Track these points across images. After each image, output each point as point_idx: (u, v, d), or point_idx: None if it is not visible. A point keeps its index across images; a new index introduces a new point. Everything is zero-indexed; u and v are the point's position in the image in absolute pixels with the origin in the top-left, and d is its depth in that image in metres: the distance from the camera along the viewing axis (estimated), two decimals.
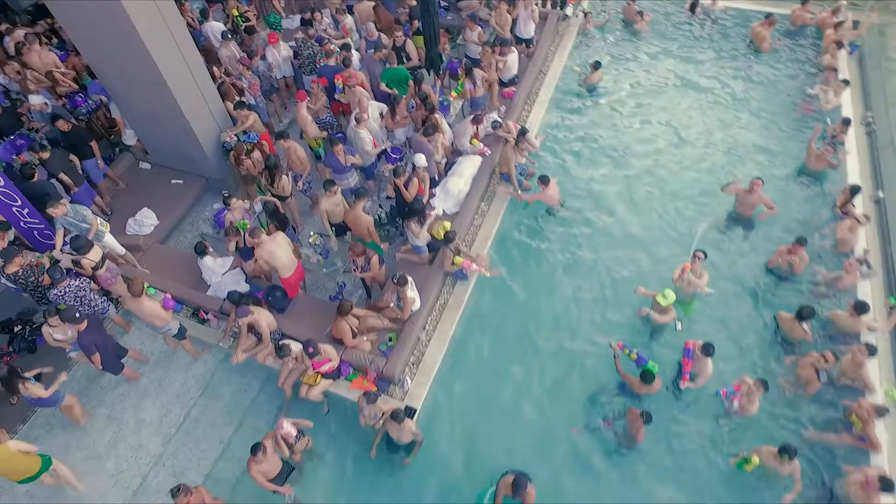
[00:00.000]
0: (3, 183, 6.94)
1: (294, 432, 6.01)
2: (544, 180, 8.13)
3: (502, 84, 10.09)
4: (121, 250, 7.78)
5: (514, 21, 10.45)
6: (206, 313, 7.60)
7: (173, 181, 9.14)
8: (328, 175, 8.22)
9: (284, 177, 7.95)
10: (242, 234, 7.33)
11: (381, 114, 8.73)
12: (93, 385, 7.26)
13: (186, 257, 8.04)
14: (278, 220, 7.53)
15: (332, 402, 6.86)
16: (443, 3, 11.80)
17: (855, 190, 8.01)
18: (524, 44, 10.69)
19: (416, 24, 9.98)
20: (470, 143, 8.83)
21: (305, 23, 10.40)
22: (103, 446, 6.77)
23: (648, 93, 10.48)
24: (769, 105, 10.11)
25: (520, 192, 8.55)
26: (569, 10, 11.73)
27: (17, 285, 6.75)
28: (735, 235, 8.31)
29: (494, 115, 9.41)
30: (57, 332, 6.37)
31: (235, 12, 10.23)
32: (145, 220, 8.57)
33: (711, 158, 9.34)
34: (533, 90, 10.36)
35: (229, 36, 9.75)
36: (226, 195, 7.53)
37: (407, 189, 7.65)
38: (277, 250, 6.94)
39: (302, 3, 12.17)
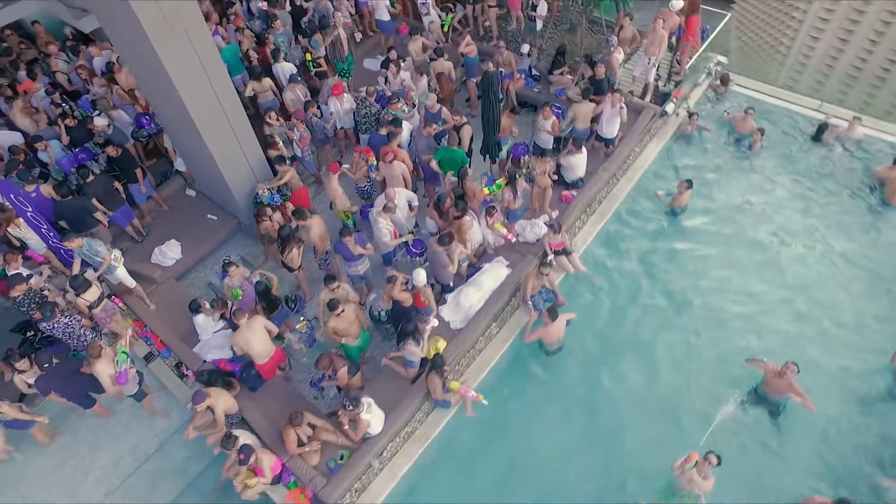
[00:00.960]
0: (31, 209, 7.50)
1: None
2: (552, 314, 7.33)
3: (565, 184, 9.31)
4: (131, 284, 8.16)
5: (598, 116, 9.53)
6: (187, 370, 7.78)
7: (209, 216, 9.45)
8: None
9: (295, 249, 7.87)
10: (230, 305, 7.38)
11: (409, 204, 8.35)
12: (72, 409, 7.69)
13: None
14: (268, 302, 7.46)
15: None
16: (534, 72, 11.10)
17: None
18: (604, 143, 9.74)
19: None
20: (493, 227, 8.24)
21: (385, 64, 10.20)
22: (51, 473, 7.19)
23: (739, 233, 9.06)
24: (881, 278, 8.39)
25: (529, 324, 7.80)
26: (669, 108, 10.50)
27: (17, 308, 7.27)
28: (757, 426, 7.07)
29: (541, 221, 8.69)
30: (28, 377, 6.79)
31: (309, 56, 10.26)
32: (169, 253, 8.93)
33: (784, 329, 7.93)
34: (598, 198, 9.42)
35: (298, 79, 9.83)
36: (226, 261, 7.58)
37: (398, 297, 7.25)
38: (252, 338, 6.87)
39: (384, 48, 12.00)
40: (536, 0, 10.98)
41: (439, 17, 11.52)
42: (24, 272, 7.49)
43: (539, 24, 11.38)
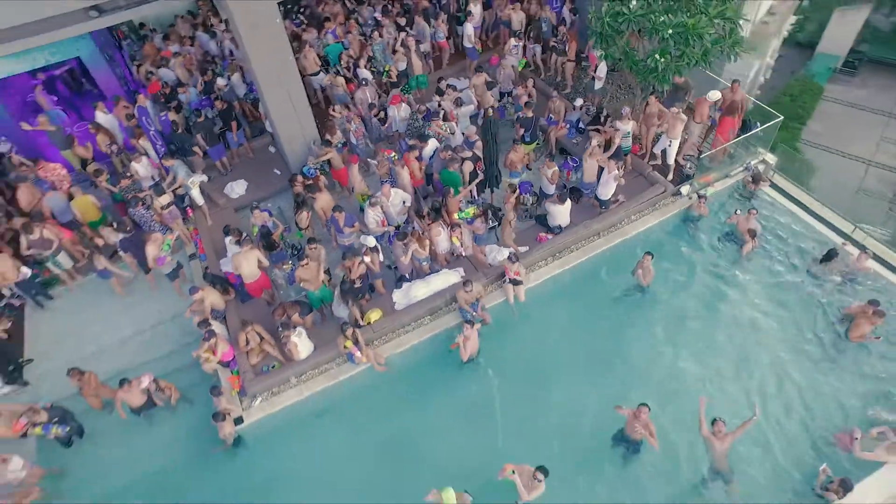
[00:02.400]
0: (153, 129, 11.15)
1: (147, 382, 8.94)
2: (471, 325, 9.15)
3: (547, 227, 10.89)
4: (200, 202, 11.55)
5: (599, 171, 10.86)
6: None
7: (275, 171, 12.61)
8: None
9: (304, 213, 10.60)
10: (244, 236, 10.30)
11: (403, 202, 10.61)
12: (137, 276, 11.22)
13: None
14: (266, 242, 10.27)
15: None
16: (580, 125, 12.51)
17: None
18: (599, 202, 11.06)
19: None
20: (451, 241, 10.21)
21: (438, 92, 12.49)
22: (112, 309, 10.80)
23: (703, 331, 9.86)
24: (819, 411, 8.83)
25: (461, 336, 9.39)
26: (684, 190, 11.39)
27: (122, 193, 10.93)
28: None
29: (507, 252, 10.41)
30: (110, 236, 10.34)
31: (387, 67, 12.90)
32: (237, 188, 12.25)
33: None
34: (570, 248, 10.83)
35: (370, 83, 12.52)
36: (254, 205, 10.55)
37: (351, 271, 9.60)
38: (243, 263, 9.70)
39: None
40: (600, 62, 12.43)
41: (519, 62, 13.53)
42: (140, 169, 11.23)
43: (598, 84, 12.79)
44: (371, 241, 9.66)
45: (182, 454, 9.20)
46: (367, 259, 9.60)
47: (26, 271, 10.51)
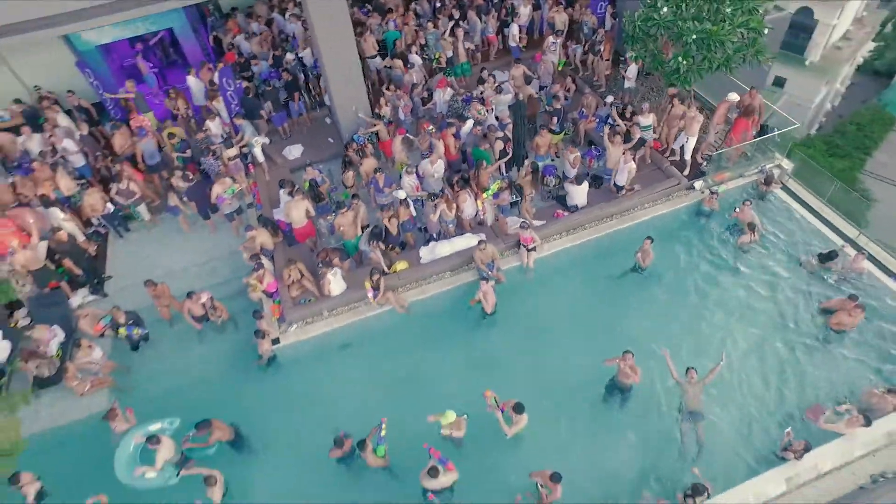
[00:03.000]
0: (231, 90, 12.97)
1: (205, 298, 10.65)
2: (484, 280, 10.49)
3: (565, 205, 12.11)
4: (261, 159, 13.33)
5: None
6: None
7: (329, 139, 14.29)
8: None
9: (350, 173, 12.19)
10: (296, 187, 11.92)
11: (438, 173, 12.06)
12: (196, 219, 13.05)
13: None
14: (313, 195, 11.88)
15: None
16: (609, 121, 13.62)
17: None
18: (615, 187, 12.19)
19: None
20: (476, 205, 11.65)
21: (480, 80, 13.91)
22: (177, 242, 12.66)
23: (694, 309, 10.89)
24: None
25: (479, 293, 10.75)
26: (697, 184, 12.38)
27: (198, 145, 12.81)
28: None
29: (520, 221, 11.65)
30: (178, 181, 12.16)
31: (437, 54, 14.43)
32: (294, 151, 13.99)
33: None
34: (584, 225, 12.01)
35: (418, 68, 14.07)
36: (308, 163, 12.20)
37: (390, 222, 11.11)
38: (293, 210, 11.34)
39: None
40: (630, 63, 13.58)
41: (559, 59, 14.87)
42: (213, 127, 13.10)
43: (627, 84, 13.91)
44: (402, 194, 11.16)
45: (225, 366, 10.81)
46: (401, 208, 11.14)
47: (110, 206, 12.47)
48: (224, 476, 8.59)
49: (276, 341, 10.66)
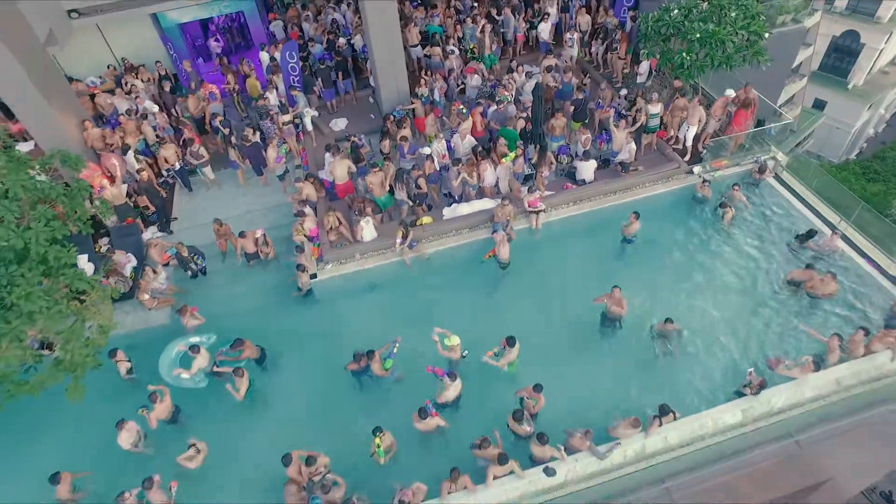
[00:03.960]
0: (291, 64, 15.13)
1: (259, 234, 12.70)
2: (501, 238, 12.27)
3: (574, 179, 13.82)
4: (309, 128, 15.42)
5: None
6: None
7: (371, 115, 16.33)
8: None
9: (386, 141, 14.14)
10: (339, 149, 13.88)
11: (472, 149, 13.92)
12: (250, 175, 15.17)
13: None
14: (355, 157, 13.83)
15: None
16: (623, 112, 15.29)
17: None
18: (620, 166, 13.83)
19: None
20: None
21: (509, 70, 15.78)
22: (232, 195, 14.81)
23: (676, 270, 12.50)
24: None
25: (493, 249, 12.59)
26: (696, 169, 13.91)
27: (257, 112, 14.99)
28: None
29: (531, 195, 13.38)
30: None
31: (472, 45, 16.36)
32: (340, 123, 16.06)
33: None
34: (589, 197, 13.67)
35: (456, 52, 16.03)
36: (349, 135, 14.21)
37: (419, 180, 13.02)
38: (337, 168, 13.32)
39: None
40: (643, 59, 15.26)
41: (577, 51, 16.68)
42: (271, 97, 15.25)
43: (640, 79, 15.57)
44: (427, 150, 13.09)
45: (269, 296, 12.78)
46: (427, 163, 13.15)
47: (178, 164, 14.70)
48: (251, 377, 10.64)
49: (313, 276, 12.60)
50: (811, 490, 9.80)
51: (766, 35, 13.47)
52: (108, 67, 16.65)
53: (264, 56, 16.24)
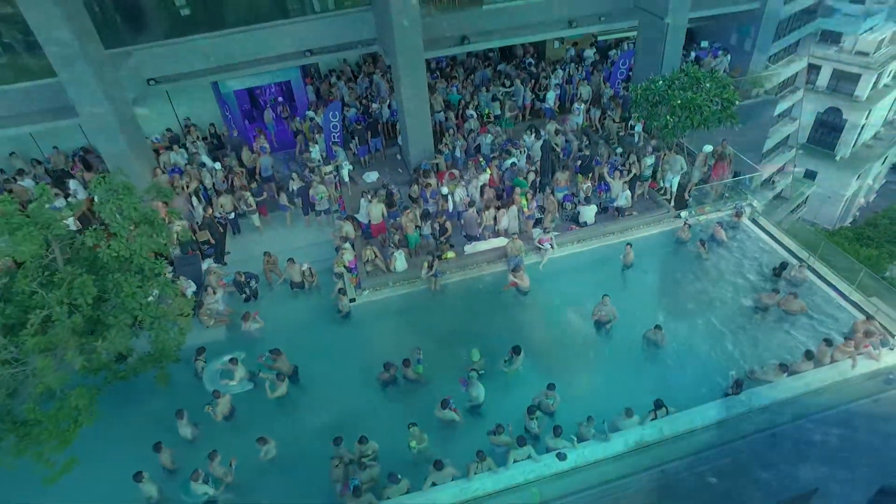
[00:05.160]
0: (333, 122, 17.89)
1: (306, 266, 14.92)
2: (516, 270, 14.46)
3: (577, 222, 16.17)
4: (346, 179, 17.98)
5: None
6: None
7: (399, 170, 18.96)
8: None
9: (414, 186, 16.64)
10: (374, 195, 16.31)
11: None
12: (297, 214, 17.57)
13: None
14: (389, 202, 16.25)
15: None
16: (619, 167, 17.88)
17: None
18: (617, 212, 16.23)
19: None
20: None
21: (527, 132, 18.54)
22: (280, 233, 17.13)
23: (666, 293, 14.68)
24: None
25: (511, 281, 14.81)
26: (683, 214, 16.28)
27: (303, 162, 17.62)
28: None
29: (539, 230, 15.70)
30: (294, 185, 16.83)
31: (487, 111, 19.26)
32: (371, 176, 18.65)
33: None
34: (589, 238, 15.97)
35: (474, 116, 18.85)
36: (384, 184, 16.74)
37: (444, 223, 15.36)
38: (372, 210, 15.74)
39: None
40: (634, 122, 18.04)
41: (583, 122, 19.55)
42: (313, 152, 17.92)
43: (634, 138, 18.29)
44: (444, 190, 15.57)
45: (312, 318, 14.87)
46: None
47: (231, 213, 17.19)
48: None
49: (352, 300, 14.71)
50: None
51: (737, 102, 16.20)
52: (167, 130, 19.56)
53: (311, 115, 19.16)
